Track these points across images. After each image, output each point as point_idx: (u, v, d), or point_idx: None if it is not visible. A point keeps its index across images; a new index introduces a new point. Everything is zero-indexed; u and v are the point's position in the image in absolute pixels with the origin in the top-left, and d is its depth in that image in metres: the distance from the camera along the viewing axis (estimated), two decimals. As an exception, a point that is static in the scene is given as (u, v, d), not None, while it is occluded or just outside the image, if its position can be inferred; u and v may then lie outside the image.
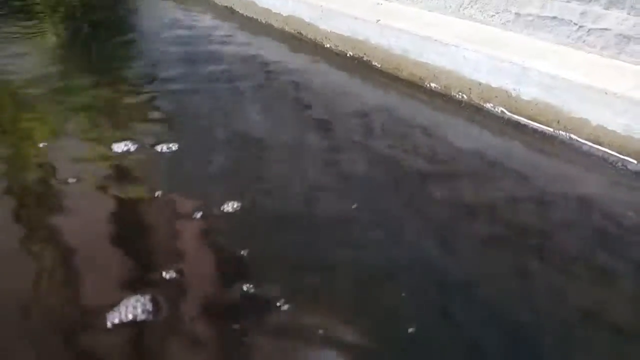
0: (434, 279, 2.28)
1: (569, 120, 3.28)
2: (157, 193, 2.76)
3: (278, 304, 2.08)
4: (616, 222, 2.64)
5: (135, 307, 2.03)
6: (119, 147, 3.15)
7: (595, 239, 2.54)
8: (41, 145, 3.24)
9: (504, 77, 3.56)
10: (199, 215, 2.59)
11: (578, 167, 3.15)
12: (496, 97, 3.61)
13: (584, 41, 3.57)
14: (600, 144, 3.16)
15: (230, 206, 2.63)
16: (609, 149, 3.12)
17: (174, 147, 3.17)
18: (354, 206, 2.68)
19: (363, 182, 2.93)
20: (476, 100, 3.72)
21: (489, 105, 3.65)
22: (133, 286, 2.17)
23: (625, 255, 2.43)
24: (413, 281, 2.25)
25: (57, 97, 3.93)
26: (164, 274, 2.22)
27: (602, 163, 3.09)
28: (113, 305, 2.05)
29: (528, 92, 3.44)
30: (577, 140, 3.24)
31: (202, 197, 2.71)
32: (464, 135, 3.51)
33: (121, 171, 3.01)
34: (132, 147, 3.15)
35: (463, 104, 3.77)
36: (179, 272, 2.24)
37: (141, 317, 2.01)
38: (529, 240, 2.52)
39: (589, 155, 3.16)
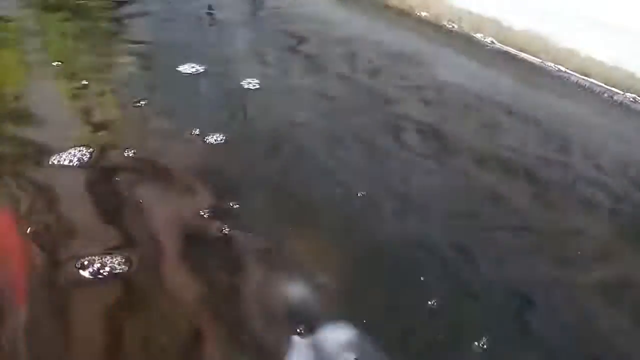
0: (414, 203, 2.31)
1: (557, 51, 3.25)
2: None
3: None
4: (598, 152, 2.68)
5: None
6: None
7: (579, 172, 2.57)
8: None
9: (495, 6, 3.50)
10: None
11: (565, 99, 3.16)
12: (487, 26, 3.56)
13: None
14: (587, 75, 3.15)
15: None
16: (597, 80, 3.12)
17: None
18: (333, 132, 2.69)
19: (344, 110, 2.92)
20: (467, 29, 3.67)
21: (479, 36, 3.61)
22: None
23: (604, 184, 2.48)
24: (394, 204, 2.28)
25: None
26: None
27: (588, 94, 3.10)
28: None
29: (519, 21, 3.40)
30: (565, 71, 3.24)
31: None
32: (453, 66, 3.48)
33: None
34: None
35: (453, 34, 3.71)
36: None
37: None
38: (509, 174, 2.54)
39: (576, 86, 3.16)
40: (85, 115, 2.74)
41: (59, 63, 3.14)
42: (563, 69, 3.24)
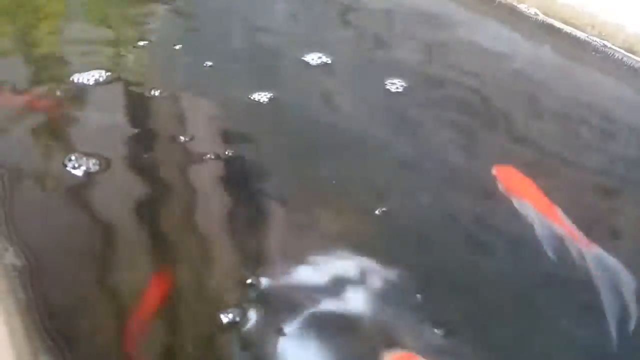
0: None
1: (604, 25, 3.15)
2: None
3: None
4: None
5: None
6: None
7: (620, 154, 2.53)
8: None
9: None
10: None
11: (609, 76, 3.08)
12: (531, -3, 3.46)
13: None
14: (634, 53, 3.05)
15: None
16: (643, 58, 3.03)
17: None
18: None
19: (375, 79, 2.91)
20: (510, -1, 3.57)
21: (522, 6, 3.50)
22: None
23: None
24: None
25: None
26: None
27: (632, 72, 3.02)
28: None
29: (566, -7, 3.29)
30: (611, 47, 3.14)
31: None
32: (493, 37, 3.41)
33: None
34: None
35: (496, 3, 3.61)
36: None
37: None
38: (548, 153, 2.52)
39: (621, 63, 3.07)
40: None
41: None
42: (609, 44, 3.14)
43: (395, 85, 2.76)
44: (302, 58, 2.91)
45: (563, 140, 2.58)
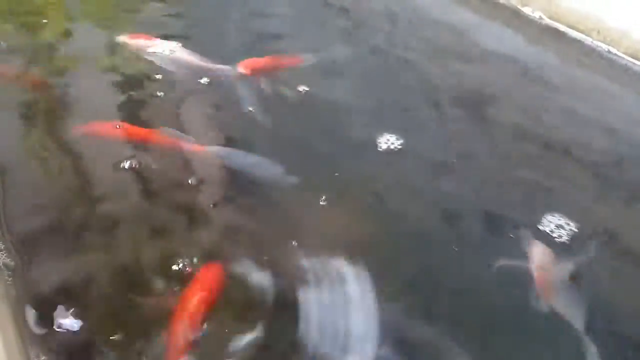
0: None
1: (609, 31, 3.12)
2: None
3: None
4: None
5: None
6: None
7: (623, 160, 2.50)
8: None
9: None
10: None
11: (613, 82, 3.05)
12: (536, 0, 3.43)
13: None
14: (639, 59, 3.03)
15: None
16: (647, 64, 3.00)
17: None
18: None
19: (383, 78, 2.87)
20: (514, 2, 3.54)
21: (527, 9, 3.47)
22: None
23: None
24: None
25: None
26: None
27: (637, 79, 2.99)
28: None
29: (570, -3, 3.26)
30: (615, 53, 3.11)
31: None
32: (498, 40, 3.37)
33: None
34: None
35: (500, 6, 3.58)
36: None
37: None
38: (551, 155, 2.48)
39: (625, 69, 3.05)
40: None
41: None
42: (614, 50, 3.11)
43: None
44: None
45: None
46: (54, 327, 1.60)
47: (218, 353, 1.60)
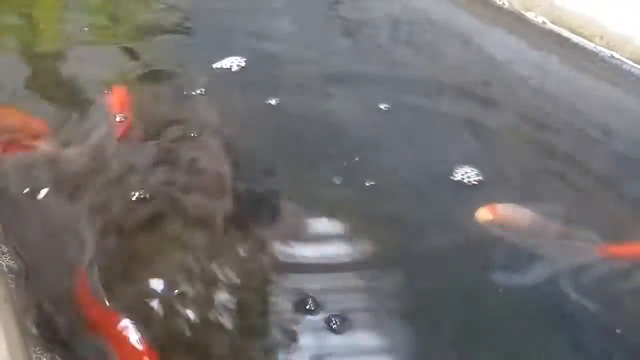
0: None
1: (612, 36, 3.12)
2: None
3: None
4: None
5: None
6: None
7: (624, 165, 2.49)
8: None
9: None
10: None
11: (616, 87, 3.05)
12: (539, 5, 3.43)
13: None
14: (641, 64, 3.03)
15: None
16: (651, 70, 3.00)
17: None
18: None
19: (387, 86, 2.87)
20: (517, 7, 3.54)
21: (530, 14, 3.47)
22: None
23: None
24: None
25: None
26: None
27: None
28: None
29: (573, 2, 3.26)
30: (619, 58, 3.11)
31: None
32: (500, 45, 3.38)
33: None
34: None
35: (503, 11, 3.59)
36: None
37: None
38: (548, 160, 2.48)
39: (629, 75, 3.04)
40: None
41: None
42: (617, 55, 3.11)
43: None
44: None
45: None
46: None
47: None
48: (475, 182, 2.26)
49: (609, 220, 2.17)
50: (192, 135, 2.36)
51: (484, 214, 2.06)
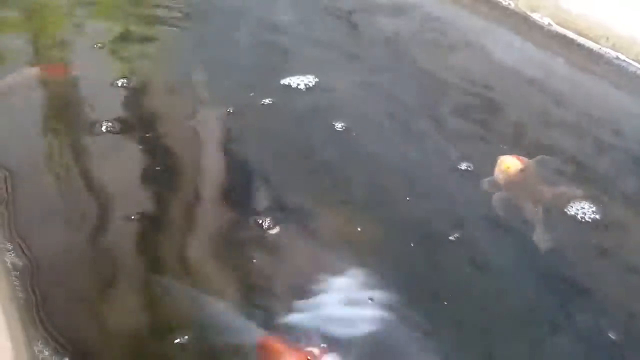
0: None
1: (618, 37, 3.11)
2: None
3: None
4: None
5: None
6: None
7: (629, 166, 2.49)
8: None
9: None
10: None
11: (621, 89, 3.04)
12: (545, 6, 3.42)
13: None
14: (647, 66, 3.01)
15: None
16: (657, 71, 2.98)
17: None
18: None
19: (388, 90, 2.88)
20: (523, 8, 3.53)
21: (536, 16, 3.46)
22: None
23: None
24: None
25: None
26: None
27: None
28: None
29: (580, 3, 3.25)
30: (624, 60, 3.09)
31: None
32: (506, 46, 3.37)
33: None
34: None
35: (509, 12, 3.58)
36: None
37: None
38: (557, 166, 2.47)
39: (634, 76, 3.03)
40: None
41: None
42: (622, 57, 3.10)
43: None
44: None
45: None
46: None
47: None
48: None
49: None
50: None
51: (511, 161, 1.91)
